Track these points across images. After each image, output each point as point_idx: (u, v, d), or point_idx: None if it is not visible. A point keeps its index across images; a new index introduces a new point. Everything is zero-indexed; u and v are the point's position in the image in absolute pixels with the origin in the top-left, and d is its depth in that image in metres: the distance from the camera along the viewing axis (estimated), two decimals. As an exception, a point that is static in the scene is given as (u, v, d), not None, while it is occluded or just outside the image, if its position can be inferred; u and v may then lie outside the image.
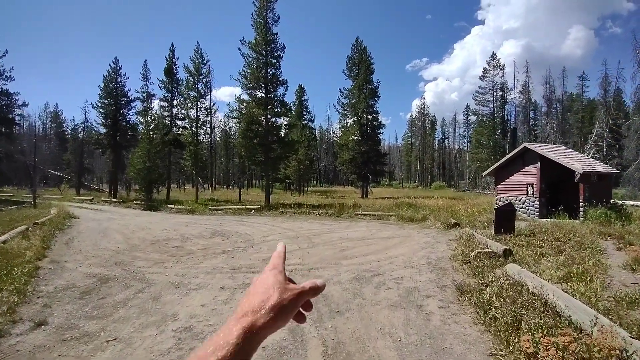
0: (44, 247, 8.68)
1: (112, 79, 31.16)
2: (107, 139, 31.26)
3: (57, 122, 73.73)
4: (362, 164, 37.06)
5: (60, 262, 7.45)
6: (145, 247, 9.42)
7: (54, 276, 6.43)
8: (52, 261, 7.49)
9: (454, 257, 7.52)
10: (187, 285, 5.70)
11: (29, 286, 5.68)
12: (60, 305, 5.03)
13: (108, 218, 17.46)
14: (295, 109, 54.37)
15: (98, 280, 6.11)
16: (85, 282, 6.02)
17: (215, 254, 8.32)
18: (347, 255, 8.01)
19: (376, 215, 16.13)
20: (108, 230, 12.77)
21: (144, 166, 24.13)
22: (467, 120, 74.46)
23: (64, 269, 6.92)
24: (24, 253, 7.61)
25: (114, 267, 7.04)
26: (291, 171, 42.95)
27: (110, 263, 7.39)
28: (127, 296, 5.27)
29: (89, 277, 6.33)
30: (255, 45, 23.57)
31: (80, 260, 7.74)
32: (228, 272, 6.54)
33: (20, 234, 9.85)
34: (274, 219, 16.01)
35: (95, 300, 5.12)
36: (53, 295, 5.43)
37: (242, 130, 24.12)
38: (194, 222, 15.26)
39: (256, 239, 10.60)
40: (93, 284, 5.93)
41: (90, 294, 5.38)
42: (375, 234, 11.32)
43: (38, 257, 7.53)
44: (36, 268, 6.73)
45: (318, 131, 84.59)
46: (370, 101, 38.31)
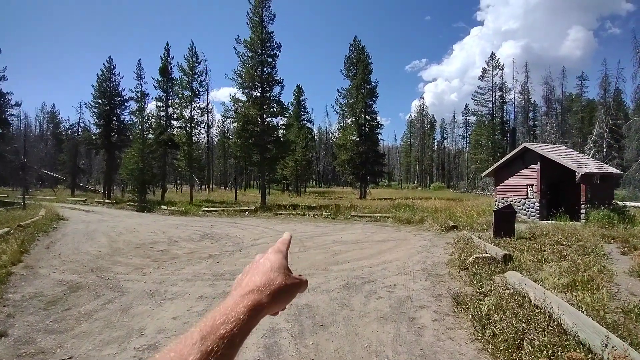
0: (21, 251, 8.26)
1: (106, 78, 30.75)
2: (100, 139, 30.83)
3: (54, 122, 73.24)
4: (361, 164, 36.68)
5: (34, 268, 7.03)
6: (128, 251, 9.01)
7: (25, 283, 6.02)
8: (26, 267, 7.07)
9: (451, 262, 7.12)
10: (162, 295, 5.29)
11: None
12: (23, 316, 4.63)
13: (98, 220, 17.04)
14: (293, 109, 54.02)
15: (68, 289, 5.70)
16: (54, 290, 5.60)
17: (201, 259, 7.92)
18: (339, 260, 7.61)
19: (373, 217, 15.74)
20: (94, 232, 12.35)
21: (136, 167, 23.71)
22: (466, 121, 74.12)
23: (37, 275, 6.50)
24: None
25: (88, 273, 6.62)
26: (288, 172, 42.54)
27: (86, 269, 6.97)
28: (94, 307, 4.86)
29: (60, 285, 5.92)
30: (250, 43, 23.18)
31: (55, 266, 7.32)
32: (210, 279, 6.14)
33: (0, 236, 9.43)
34: (268, 221, 15.60)
35: (60, 311, 4.71)
36: (19, 305, 5.02)
37: (237, 131, 23.72)
38: (185, 224, 14.85)
39: (246, 242, 10.19)
40: (62, 293, 5.52)
41: (56, 304, 4.97)
42: (370, 236, 10.92)
43: (13, 262, 7.11)
44: (8, 274, 6.32)
45: (317, 132, 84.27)
46: (369, 101, 37.94)
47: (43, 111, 78.16)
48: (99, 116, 30.87)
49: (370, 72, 38.13)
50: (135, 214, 20.22)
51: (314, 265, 7.09)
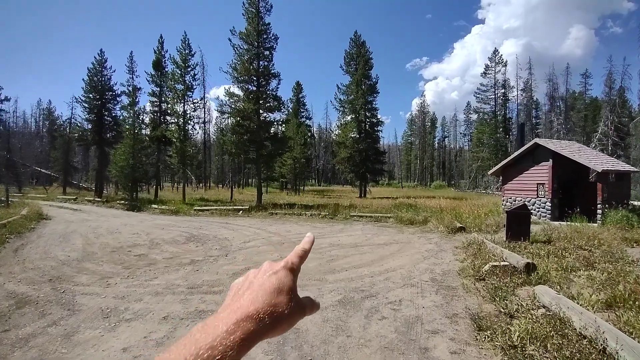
0: (-23, 256, 7.36)
1: (97, 72, 29.72)
2: (91, 135, 29.84)
3: (50, 119, 72.19)
4: (360, 162, 35.74)
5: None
6: (102, 255, 8.10)
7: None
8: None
9: (464, 271, 6.22)
10: (120, 314, 4.38)
11: None
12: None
13: (82, 220, 16.12)
14: (292, 106, 53.13)
15: (15, 304, 4.79)
16: (1, 305, 4.71)
17: (180, 265, 7.01)
18: (336, 267, 6.71)
19: (373, 217, 14.84)
20: (72, 234, 11.44)
21: (127, 164, 22.76)
22: (468, 119, 73.21)
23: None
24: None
25: (45, 284, 5.72)
26: (287, 170, 41.61)
27: (45, 278, 6.06)
28: (34, 330, 3.96)
29: (8, 298, 5.01)
30: (246, 35, 22.20)
31: (14, 274, 6.42)
32: (183, 292, 5.23)
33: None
34: (262, 221, 14.70)
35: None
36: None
37: (232, 126, 22.78)
38: (173, 224, 13.94)
39: (235, 245, 9.29)
40: (7, 309, 4.62)
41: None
42: (371, 239, 10.02)
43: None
44: None
45: (317, 130, 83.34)
46: (369, 97, 36.95)
47: (39, 108, 76.97)
48: (90, 111, 29.84)
49: (371, 67, 37.13)
50: (124, 214, 19.30)
51: (306, 274, 6.18)
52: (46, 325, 4.07)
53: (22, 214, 15.06)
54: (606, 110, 43.02)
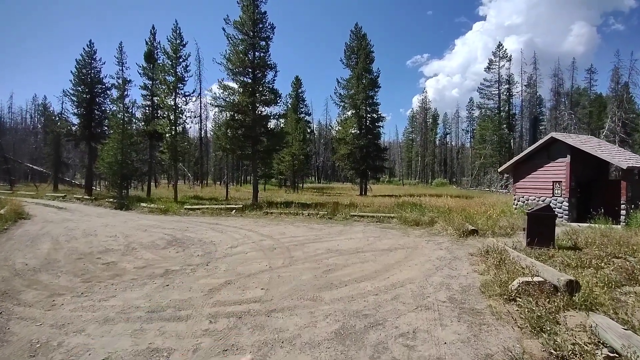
0: None
1: (86, 64, 28.49)
2: (80, 130, 28.68)
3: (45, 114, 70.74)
4: (361, 159, 34.63)
5: None
6: (64, 264, 7.03)
7: None
8: None
9: (487, 287, 5.15)
10: (49, 353, 3.31)
11: None
12: None
13: (63, 219, 15.05)
14: (292, 102, 51.88)
15: None
16: None
17: (150, 278, 5.95)
18: (333, 281, 5.64)
19: (375, 216, 13.77)
20: (44, 237, 10.36)
21: (115, 160, 21.66)
22: (470, 115, 72.03)
23: None
24: None
25: (-26, 305, 4.66)
26: (285, 166, 40.50)
27: (-22, 296, 5.00)
28: None
29: None
30: (240, 24, 20.99)
31: (-52, 289, 5.36)
32: (140, 318, 4.16)
33: None
34: (256, 222, 13.64)
35: None
36: None
37: (226, 121, 21.67)
38: (158, 225, 12.88)
39: (220, 250, 8.23)
40: None
41: None
42: (373, 243, 8.96)
43: None
44: None
45: (316, 126, 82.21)
46: (370, 92, 35.76)
47: (34, 103, 75.56)
48: (79, 105, 28.65)
49: (372, 60, 35.91)
50: (110, 212, 18.22)
51: (297, 291, 5.12)
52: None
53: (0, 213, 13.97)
54: (613, 106, 41.89)
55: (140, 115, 27.53)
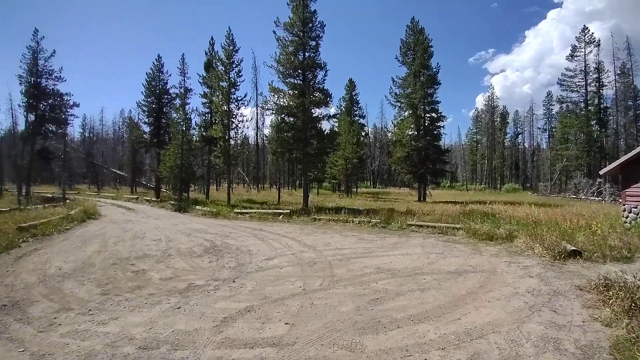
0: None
1: (155, 76, 30.91)
2: (150, 138, 31.11)
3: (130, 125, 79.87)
4: (419, 162, 32.01)
5: None
6: (96, 270, 6.72)
7: None
8: None
9: (623, 351, 3.29)
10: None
11: None
12: None
13: (125, 220, 15.84)
14: (345, 105, 50.96)
15: None
16: None
17: (167, 295, 5.19)
18: (381, 317, 4.24)
19: (436, 227, 11.83)
20: (97, 237, 10.63)
21: (175, 164, 22.72)
22: (548, 112, 63.40)
23: None
24: None
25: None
26: (338, 170, 39.41)
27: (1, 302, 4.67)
28: None
29: None
30: (290, 25, 20.60)
31: (-23, 293, 5.20)
32: (126, 357, 3.27)
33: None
34: (301, 229, 12.67)
35: None
36: None
37: (276, 123, 21.37)
38: (204, 229, 12.63)
39: (254, 262, 7.31)
40: None
41: None
42: (436, 262, 7.26)
43: None
44: None
45: (371, 129, 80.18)
46: (428, 90, 33.05)
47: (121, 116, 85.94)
48: (149, 115, 31.18)
49: (431, 55, 33.19)
50: (168, 214, 18.94)
51: (331, 330, 3.83)
52: None
53: (69, 214, 15.13)
54: None
55: (199, 122, 28.98)
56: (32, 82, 26.31)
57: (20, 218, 12.42)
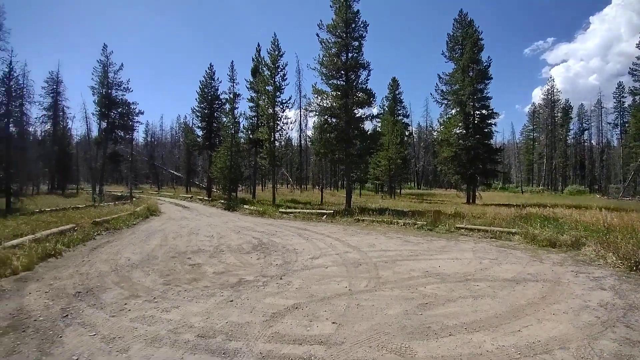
0: (49, 254, 7.42)
1: (207, 84, 32.96)
2: (202, 141, 33.21)
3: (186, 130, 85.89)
4: (468, 162, 30.32)
5: (29, 281, 5.77)
6: (157, 262, 7.35)
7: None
8: (20, 279, 5.87)
9: None
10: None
11: None
12: None
13: (182, 217, 17.11)
14: (389, 104, 50.00)
15: (8, 326, 3.90)
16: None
17: (220, 288, 5.51)
18: (432, 323, 4.09)
19: (489, 231, 11.13)
20: (158, 232, 11.62)
21: (224, 165, 24.02)
22: (619, 105, 56.43)
23: (10, 297, 5.08)
24: (9, 261, 6.26)
25: (64, 299, 4.88)
26: (381, 171, 38.75)
27: (74, 290, 5.31)
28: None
29: (11, 318, 4.21)
30: (333, 27, 20.72)
31: (56, 279, 5.96)
32: (186, 343, 3.54)
33: (56, 234, 9.09)
34: (345, 229, 12.68)
35: None
36: None
37: (319, 124, 21.61)
38: (252, 227, 13.19)
39: (300, 261, 7.48)
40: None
41: None
42: (489, 268, 6.83)
43: (14, 272, 6.05)
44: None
45: (416, 129, 77.74)
46: (478, 85, 31.17)
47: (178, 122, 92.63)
48: (202, 119, 33.34)
49: (481, 49, 31.25)
50: (218, 212, 20.07)
51: (379, 333, 3.79)
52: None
53: (135, 210, 16.72)
54: None
55: (247, 125, 30.35)
56: (103, 93, 29.52)
57: (94, 214, 14.00)
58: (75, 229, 10.17)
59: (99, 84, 29.73)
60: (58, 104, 38.66)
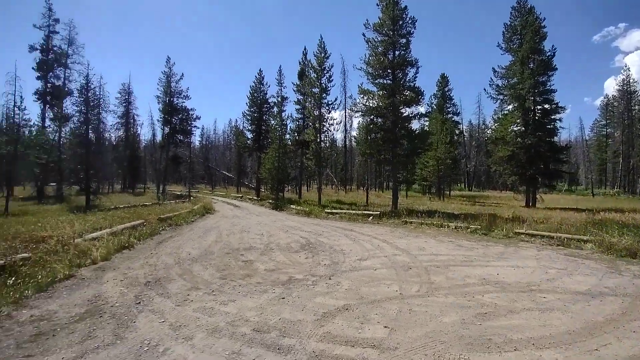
0: (123, 246, 8.29)
1: (257, 88, 34.40)
2: (252, 143, 34.72)
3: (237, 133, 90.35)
4: (527, 161, 27.88)
5: (106, 270, 6.51)
6: (214, 257, 7.85)
7: (54, 297, 5.19)
8: (99, 269, 6.63)
9: None
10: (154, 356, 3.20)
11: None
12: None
13: (233, 215, 18.05)
14: (437, 102, 47.99)
15: (85, 313, 4.41)
16: (69, 312, 4.44)
17: (273, 284, 5.72)
18: (492, 335, 3.84)
19: (554, 237, 10.13)
20: (213, 230, 12.39)
21: (273, 166, 24.85)
22: None
23: (89, 284, 5.76)
24: (90, 252, 7.13)
25: (137, 288, 5.43)
26: (429, 172, 37.25)
27: (144, 280, 5.88)
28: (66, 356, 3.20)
29: (88, 304, 4.77)
30: (380, 25, 20.38)
31: (131, 269, 6.64)
32: (243, 336, 3.72)
33: (129, 228, 10.14)
34: (392, 231, 12.40)
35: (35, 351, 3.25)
36: (9, 328, 3.87)
37: (365, 125, 21.40)
38: (299, 226, 13.48)
39: (348, 262, 7.48)
40: (72, 318, 4.26)
41: (37, 340, 3.61)
42: (557, 279, 6.21)
43: (94, 261, 6.86)
44: (66, 277, 5.84)
45: (467, 127, 73.53)
46: (540, 78, 28.50)
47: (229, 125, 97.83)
48: (252, 123, 34.87)
49: (543, 37, 28.55)
50: (267, 212, 20.82)
51: (435, 341, 3.65)
52: (71, 358, 3.25)
53: (194, 208, 18.01)
54: None
55: (293, 127, 31.13)
56: (166, 101, 32.28)
57: (159, 211, 15.36)
58: (144, 224, 11.26)
59: (163, 93, 32.61)
60: (129, 112, 43.25)
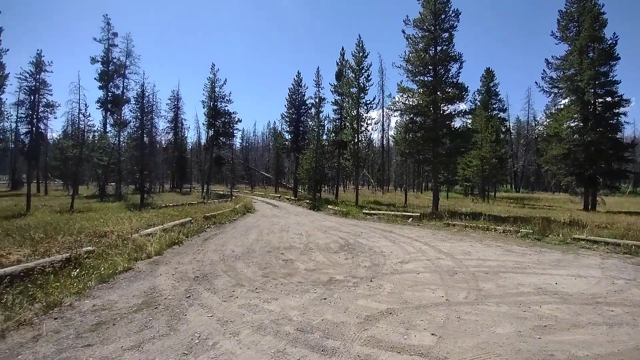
0: (175, 241, 8.81)
1: (295, 90, 34.98)
2: (290, 144, 35.36)
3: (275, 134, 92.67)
4: (586, 160, 25.42)
5: (159, 264, 6.95)
6: (256, 255, 8.07)
7: (115, 288, 5.58)
8: (153, 262, 7.10)
9: None
10: (200, 354, 3.34)
11: (75, 294, 4.96)
12: (56, 336, 3.71)
13: (272, 215, 18.49)
14: (481, 98, 45.47)
15: (143, 304, 4.73)
16: (129, 302, 4.80)
17: (313, 285, 5.75)
18: (553, 351, 3.51)
19: (621, 244, 9.11)
20: (254, 228, 12.78)
21: (310, 166, 25.09)
22: None
23: (145, 277, 6.17)
24: (145, 247, 7.67)
25: (186, 282, 5.73)
26: (472, 172, 35.38)
27: (192, 275, 6.20)
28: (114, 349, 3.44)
29: (144, 295, 5.11)
30: (420, 21, 19.73)
31: (179, 264, 7.04)
32: (288, 335, 3.77)
33: (178, 226, 10.78)
34: (434, 234, 11.94)
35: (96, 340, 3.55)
36: (70, 318, 4.24)
37: (404, 124, 20.83)
38: (337, 227, 13.46)
39: (388, 264, 7.30)
40: (131, 309, 4.58)
41: (98, 329, 3.93)
42: (626, 291, 5.55)
43: (149, 255, 7.36)
44: (125, 269, 6.32)
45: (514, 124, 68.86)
46: (601, 67, 25.82)
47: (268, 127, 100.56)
48: (290, 124, 35.52)
49: (603, 24, 25.83)
50: (305, 212, 21.05)
51: (489, 353, 3.41)
52: (127, 347, 3.49)
53: (236, 207, 18.74)
54: None
55: (330, 128, 31.21)
56: (211, 105, 33.99)
57: (204, 209, 16.19)
58: (191, 222, 11.93)
59: (207, 98, 34.42)
60: (178, 117, 46.18)
